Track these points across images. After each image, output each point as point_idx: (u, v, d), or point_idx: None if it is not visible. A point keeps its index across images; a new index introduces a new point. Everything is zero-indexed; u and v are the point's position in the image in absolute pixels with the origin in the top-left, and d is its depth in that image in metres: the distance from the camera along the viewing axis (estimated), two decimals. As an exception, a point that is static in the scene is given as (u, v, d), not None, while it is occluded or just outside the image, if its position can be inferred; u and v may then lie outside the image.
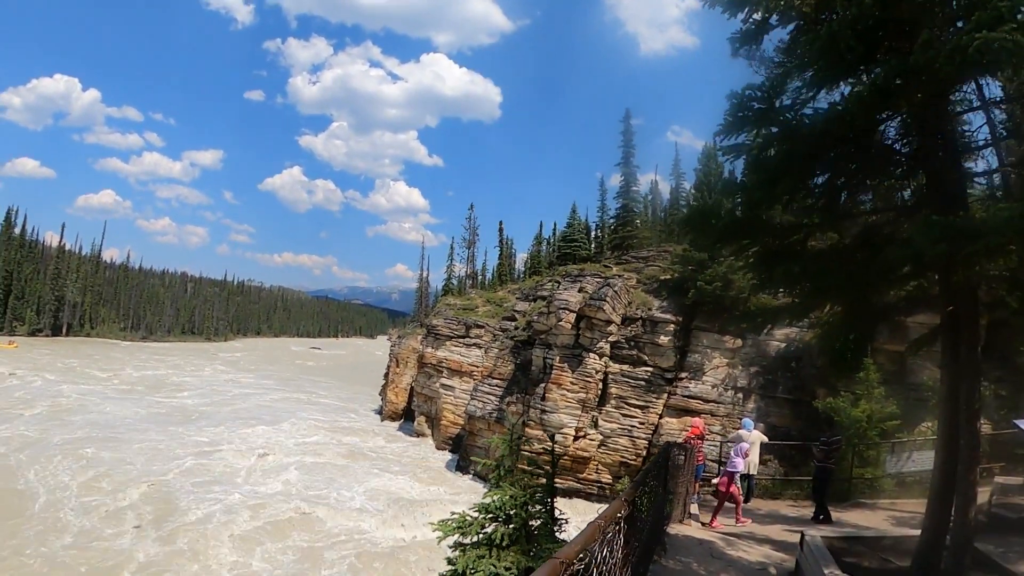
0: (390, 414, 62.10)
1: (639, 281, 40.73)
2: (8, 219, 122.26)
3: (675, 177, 60.79)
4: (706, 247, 29.05)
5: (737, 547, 12.44)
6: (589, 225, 66.22)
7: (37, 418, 46.74)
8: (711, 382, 34.51)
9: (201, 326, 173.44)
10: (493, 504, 10.90)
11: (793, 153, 7.44)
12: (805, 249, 8.36)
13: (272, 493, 34.09)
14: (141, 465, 36.64)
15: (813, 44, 7.00)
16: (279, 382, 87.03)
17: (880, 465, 19.69)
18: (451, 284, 71.76)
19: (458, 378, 49.68)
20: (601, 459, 35.99)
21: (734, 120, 7.53)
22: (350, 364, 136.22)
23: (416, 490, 37.64)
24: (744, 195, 8.19)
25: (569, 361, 37.24)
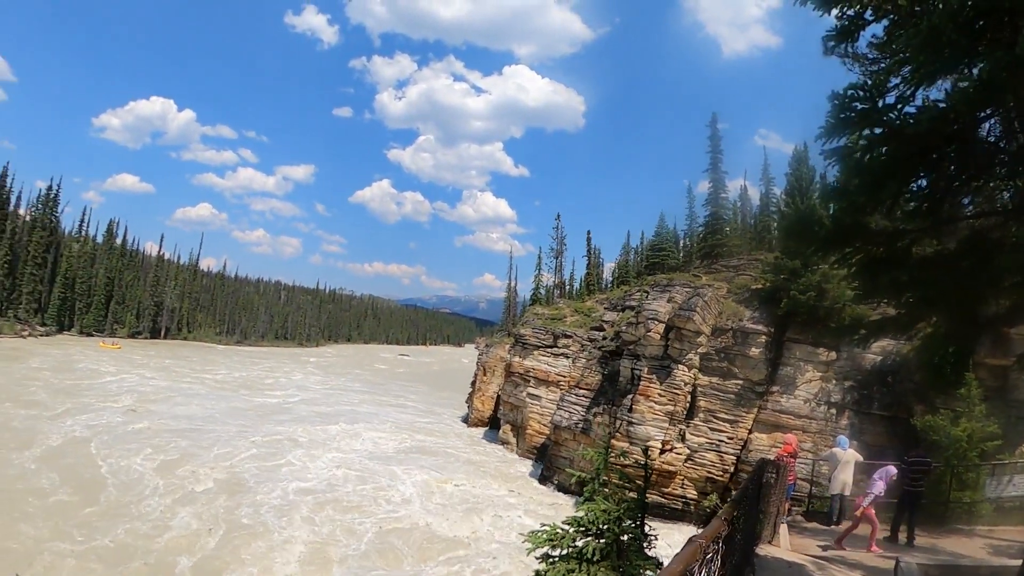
0: (475, 421, 62.44)
1: (729, 291, 39.91)
2: (110, 230, 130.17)
3: (764, 182, 59.13)
4: (807, 255, 28.31)
5: (828, 571, 11.96)
6: (677, 233, 65.75)
7: (122, 410, 49.13)
8: (803, 396, 33.44)
9: (293, 332, 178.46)
10: (586, 518, 10.77)
11: (897, 154, 7.03)
12: (910, 256, 7.91)
13: (346, 486, 35.09)
14: (217, 452, 38.85)
15: (913, 39, 6.59)
16: (367, 385, 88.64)
17: (979, 489, 18.55)
18: (539, 293, 72.08)
19: (545, 388, 49.54)
20: (687, 474, 35.25)
21: (836, 122, 7.15)
22: (437, 371, 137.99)
23: (493, 495, 37.70)
24: (846, 200, 7.78)
25: (657, 372, 36.67)
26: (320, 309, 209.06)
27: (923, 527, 16.78)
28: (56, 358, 74.11)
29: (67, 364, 70.15)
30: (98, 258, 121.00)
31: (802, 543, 14.65)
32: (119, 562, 23.44)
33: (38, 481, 30.18)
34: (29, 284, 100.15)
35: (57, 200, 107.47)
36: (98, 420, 43.77)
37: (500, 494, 38.19)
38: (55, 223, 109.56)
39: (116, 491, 30.19)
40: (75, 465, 33.25)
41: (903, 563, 9.53)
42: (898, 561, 9.69)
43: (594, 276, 74.22)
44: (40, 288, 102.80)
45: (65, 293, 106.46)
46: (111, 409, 48.34)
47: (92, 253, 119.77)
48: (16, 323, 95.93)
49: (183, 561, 24.03)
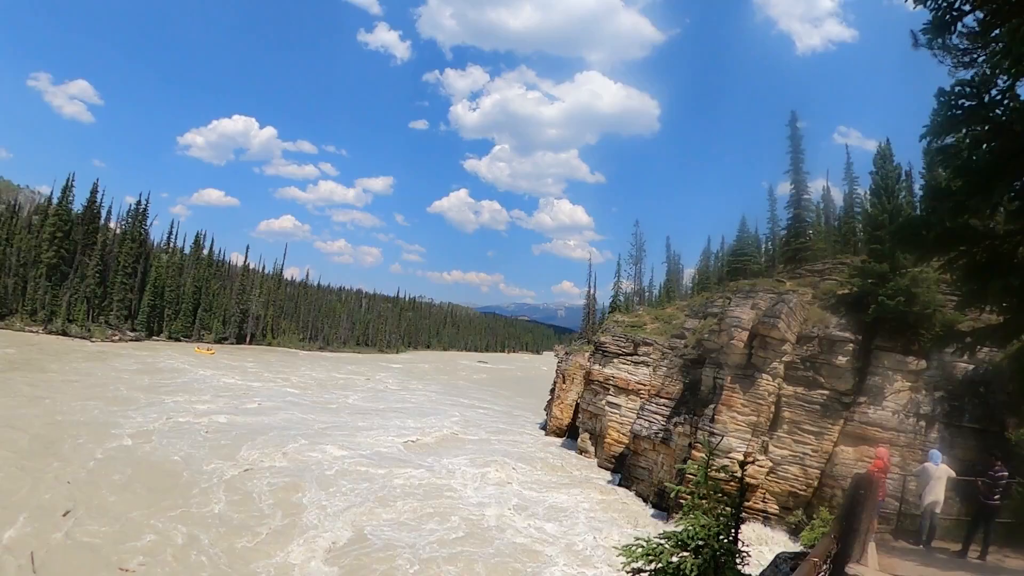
0: (554, 429, 62.18)
1: (815, 296, 38.72)
2: (197, 242, 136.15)
3: (848, 182, 56.88)
4: (913, 260, 27.24)
5: (920, 592, 11.33)
6: (759, 237, 64.42)
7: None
8: (891, 408, 32.06)
9: (374, 338, 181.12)
10: (684, 533, 10.46)
11: (1004, 152, 6.48)
12: (1015, 259, 7.35)
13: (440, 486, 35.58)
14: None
15: (1017, 30, 6.05)
16: (444, 393, 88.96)
17: None
18: (618, 301, 71.62)
19: (624, 396, 49.15)
20: (769, 487, 34.28)
21: (943, 120, 6.69)
22: (516, 378, 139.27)
23: (572, 504, 37.65)
24: (951, 201, 7.27)
25: (740, 382, 35.81)
26: (400, 316, 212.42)
27: (1015, 548, 15.96)
28: (156, 363, 77.59)
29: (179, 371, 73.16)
30: (186, 268, 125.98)
31: (890, 563, 13.96)
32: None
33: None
34: (120, 292, 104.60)
35: (146, 214, 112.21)
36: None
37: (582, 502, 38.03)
38: (144, 235, 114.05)
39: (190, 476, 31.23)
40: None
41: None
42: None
43: (674, 282, 73.68)
44: (130, 296, 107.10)
45: (154, 301, 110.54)
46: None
47: (180, 263, 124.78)
48: (107, 328, 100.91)
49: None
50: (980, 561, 14.73)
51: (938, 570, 13.75)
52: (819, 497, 32.38)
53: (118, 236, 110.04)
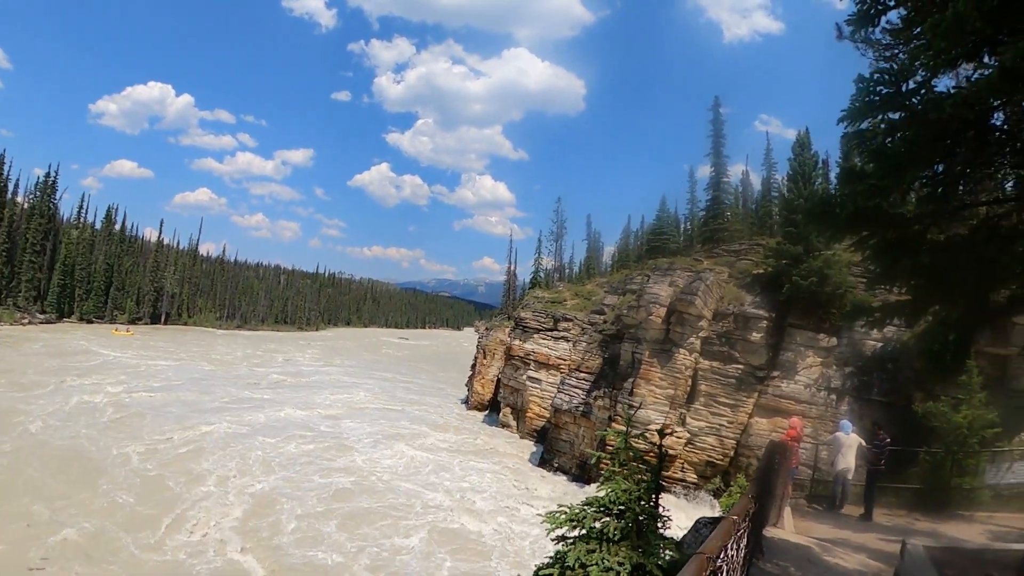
0: (476, 404, 62.57)
1: (731, 275, 39.89)
2: (109, 216, 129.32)
3: (766, 167, 58.72)
4: (825, 239, 28.33)
5: (834, 553, 12.07)
6: (678, 218, 65.78)
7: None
8: (804, 382, 33.45)
9: (293, 316, 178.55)
10: (607, 498, 10.82)
11: (918, 139, 7.08)
12: (924, 241, 7.97)
13: (367, 468, 35.29)
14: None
15: (938, 25, 6.62)
16: (369, 370, 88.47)
17: (979, 476, 18.68)
18: (539, 277, 72.09)
19: (545, 371, 49.71)
20: (687, 458, 35.43)
21: (861, 105, 7.22)
22: (437, 354, 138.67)
23: (496, 478, 38.10)
24: (864, 184, 7.83)
25: (658, 356, 36.78)
26: (320, 293, 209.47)
27: (924, 512, 17.28)
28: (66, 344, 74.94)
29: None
30: (97, 244, 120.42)
31: (806, 526, 14.82)
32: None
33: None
34: (28, 272, 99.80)
35: (55, 187, 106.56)
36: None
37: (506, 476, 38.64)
38: (53, 210, 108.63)
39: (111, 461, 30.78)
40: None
41: (909, 545, 9.63)
42: (904, 543, 9.78)
43: (594, 260, 74.47)
44: (39, 276, 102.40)
45: (64, 280, 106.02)
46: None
47: (91, 239, 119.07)
48: (16, 311, 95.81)
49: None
50: (866, 520, 16.10)
51: (851, 532, 14.61)
52: (735, 466, 33.55)
53: (25, 211, 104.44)
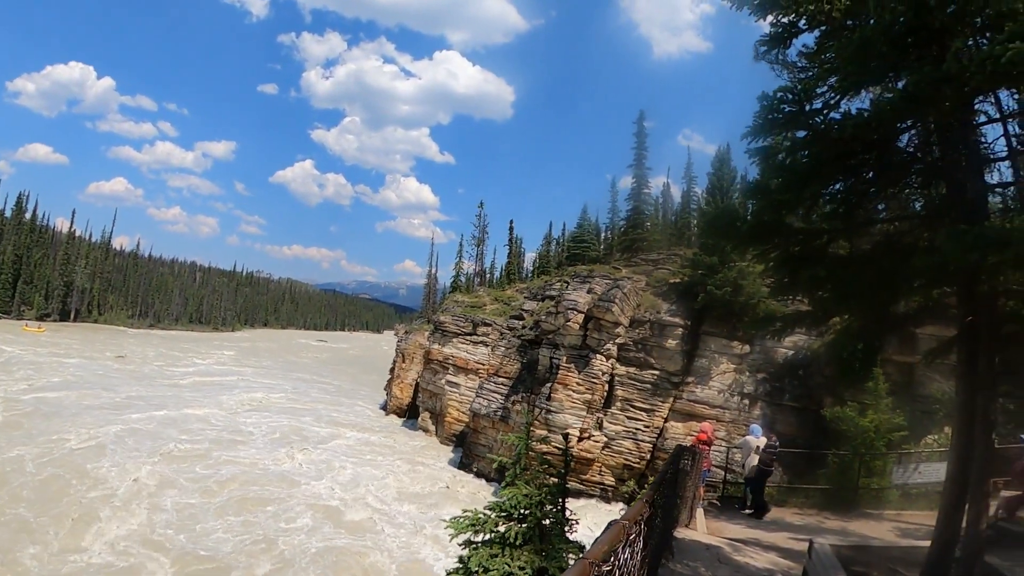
0: (394, 409, 62.02)
1: (648, 284, 40.63)
2: (19, 204, 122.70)
3: (687, 181, 60.20)
4: (727, 250, 29.15)
5: (744, 553, 12.42)
6: (599, 226, 66.34)
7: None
8: (717, 387, 34.49)
9: (209, 315, 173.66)
10: (508, 502, 10.89)
11: (820, 157, 7.43)
12: (825, 254, 8.34)
13: (278, 472, 34.59)
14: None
15: (845, 49, 6.99)
16: (284, 371, 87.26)
17: (886, 476, 19.53)
18: (459, 281, 71.84)
19: (464, 375, 49.69)
20: (605, 461, 35.97)
21: (764, 122, 7.53)
22: (356, 358, 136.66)
23: (414, 485, 37.78)
24: (767, 198, 8.18)
25: (576, 362, 37.23)
26: (236, 292, 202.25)
27: (834, 511, 17.94)
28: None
29: None
30: (5, 233, 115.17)
31: (718, 527, 15.19)
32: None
33: None
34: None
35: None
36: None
37: (424, 483, 38.53)
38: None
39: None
40: None
41: (816, 544, 9.96)
42: (812, 542, 10.12)
43: (515, 265, 74.47)
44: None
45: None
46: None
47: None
48: None
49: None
50: (759, 517, 16.67)
51: (762, 532, 15.06)
52: (652, 469, 34.16)
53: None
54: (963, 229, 5.83)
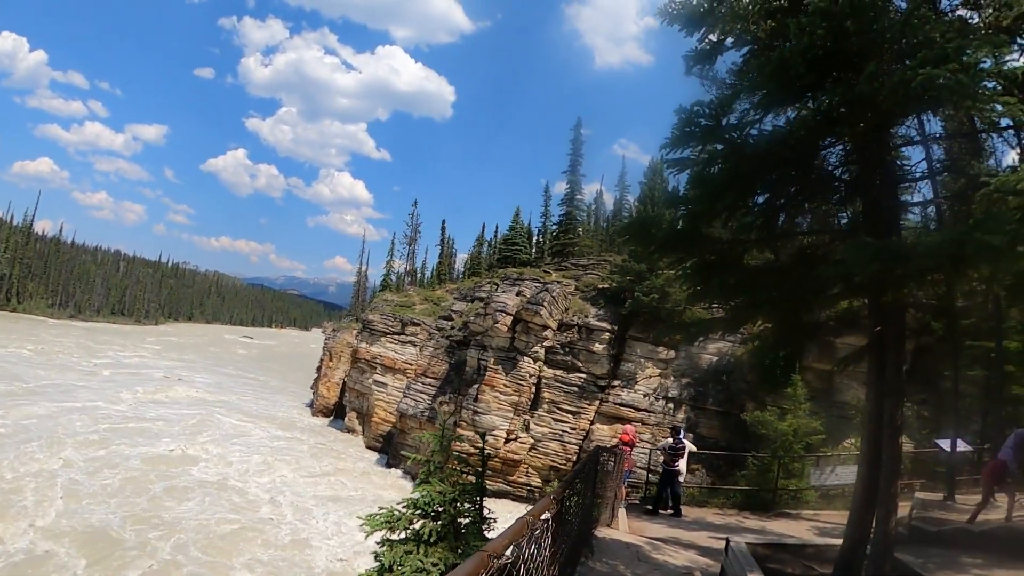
0: (321, 409, 61.41)
1: (577, 288, 41.13)
2: None
3: (620, 189, 61.18)
4: (645, 256, 29.72)
5: (663, 551, 12.66)
6: (531, 230, 66.50)
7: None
8: (643, 391, 35.12)
9: (132, 308, 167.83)
10: (421, 500, 10.92)
11: (736, 171, 7.69)
12: (741, 264, 8.62)
13: (201, 480, 33.81)
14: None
15: (764, 68, 7.25)
16: (208, 367, 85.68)
17: (804, 478, 20.14)
18: (389, 280, 71.41)
19: (391, 375, 49.48)
20: (531, 462, 36.29)
21: (681, 134, 7.77)
22: (283, 355, 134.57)
23: (340, 486, 37.52)
24: (685, 208, 8.43)
25: (503, 364, 37.44)
26: (161, 284, 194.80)
27: (753, 511, 18.56)
28: None
29: None
30: None
31: (640, 526, 15.43)
32: None
33: None
34: None
35: None
36: None
37: (350, 483, 38.31)
38: None
39: None
40: None
41: (733, 542, 10.25)
42: (728, 541, 10.40)
43: (446, 266, 74.32)
44: None
45: None
46: None
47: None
48: None
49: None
50: (676, 515, 17.05)
51: (683, 531, 15.37)
52: (577, 471, 34.58)
53: None
54: (866, 242, 6.12)
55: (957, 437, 17.21)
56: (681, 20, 8.25)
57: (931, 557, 10.42)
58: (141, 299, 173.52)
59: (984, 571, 9.75)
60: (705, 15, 8.13)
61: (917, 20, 6.53)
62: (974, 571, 9.82)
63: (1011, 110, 6.73)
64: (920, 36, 6.32)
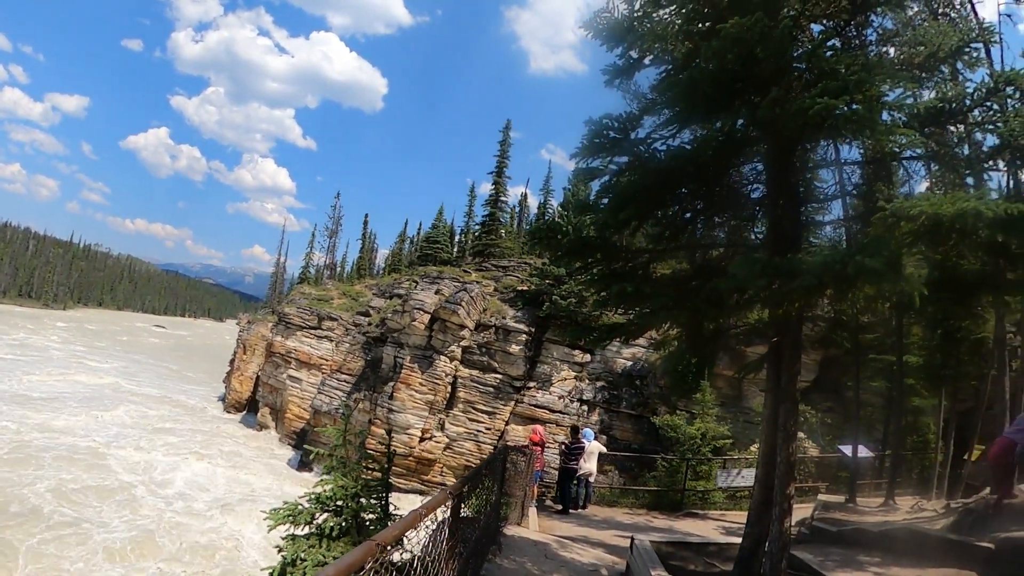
0: (233, 403, 60.20)
1: (496, 289, 41.37)
2: None
3: (544, 193, 62.15)
4: (553, 260, 30.26)
5: (571, 549, 12.89)
6: (454, 229, 66.58)
7: None
8: (558, 393, 35.47)
9: (39, 290, 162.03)
10: (324, 494, 10.91)
11: (642, 183, 7.94)
12: (647, 272, 8.88)
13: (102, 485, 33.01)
14: None
15: (674, 88, 7.49)
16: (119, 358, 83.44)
17: (712, 479, 20.85)
18: (308, 272, 70.57)
19: (306, 370, 48.93)
20: (446, 462, 36.36)
21: (590, 145, 8.04)
22: (197, 347, 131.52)
23: (251, 483, 37.08)
24: (592, 216, 8.67)
25: (420, 362, 37.42)
26: (72, 266, 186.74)
27: (662, 511, 19.23)
28: None
29: None
30: None
31: (550, 525, 15.68)
32: None
33: None
34: None
35: None
36: None
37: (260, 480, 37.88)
38: None
39: None
40: None
41: (637, 540, 10.51)
42: (633, 539, 10.66)
43: (367, 261, 73.87)
44: None
45: None
46: None
47: None
48: None
49: None
50: (564, 512, 17.64)
51: (592, 530, 15.71)
52: (493, 471, 34.84)
53: None
54: (754, 257, 6.50)
55: (859, 444, 18.18)
56: (603, 35, 8.42)
57: (831, 556, 10.86)
58: (50, 281, 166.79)
59: (882, 569, 10.16)
60: (627, 32, 8.32)
61: (824, 51, 6.82)
62: (872, 569, 10.22)
63: (912, 142, 7.12)
64: (826, 67, 6.59)
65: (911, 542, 11.13)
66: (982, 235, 6.48)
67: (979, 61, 8.38)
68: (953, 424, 19.67)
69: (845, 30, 8.43)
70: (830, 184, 9.04)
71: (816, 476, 23.34)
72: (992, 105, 7.33)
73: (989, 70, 10.99)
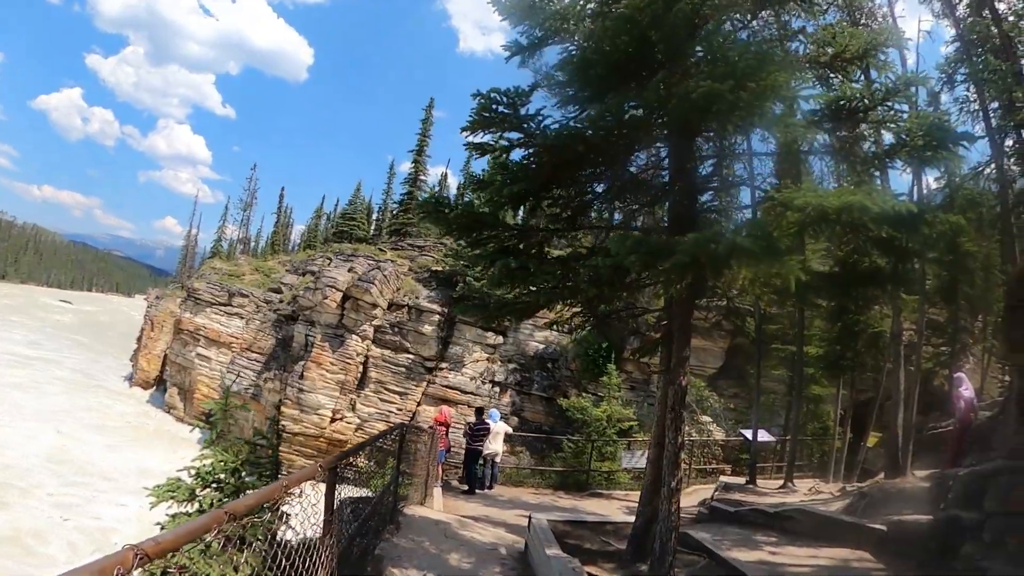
0: (140, 382, 58.79)
1: (411, 269, 41.10)
2: None
3: (465, 174, 61.57)
4: (439, 234, 30.16)
5: (473, 529, 12.88)
6: (372, 207, 65.99)
7: None
8: (470, 374, 35.52)
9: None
10: (202, 468, 10.67)
11: (537, 161, 7.85)
12: (541, 251, 8.87)
13: None
14: None
15: (566, 67, 7.43)
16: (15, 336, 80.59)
17: (617, 460, 21.31)
18: (221, 247, 69.14)
19: (216, 348, 48.03)
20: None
21: (479, 119, 7.97)
22: (105, 323, 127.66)
23: (158, 465, 36.03)
24: (483, 191, 8.60)
25: (331, 341, 36.98)
26: None
27: (568, 491, 19.53)
28: None
29: None
30: None
31: (455, 505, 15.67)
32: None
33: None
34: None
35: None
36: None
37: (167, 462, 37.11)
38: None
39: None
40: None
41: (534, 519, 10.58)
42: (531, 517, 10.72)
43: (281, 236, 72.86)
44: None
45: None
46: None
47: None
48: None
49: None
50: (488, 488, 18.11)
51: (496, 509, 15.75)
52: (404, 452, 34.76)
53: None
54: (626, 235, 6.54)
55: (760, 428, 18.76)
56: (508, 12, 8.35)
57: (728, 535, 11.08)
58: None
59: (777, 548, 10.45)
60: (530, 10, 8.29)
61: (718, 39, 6.80)
62: (767, 548, 10.50)
63: (808, 133, 7.24)
64: (718, 54, 6.57)
65: (806, 523, 11.45)
66: (872, 229, 6.60)
67: (888, 66, 8.59)
68: (851, 412, 20.42)
69: (750, 24, 8.52)
70: (739, 172, 9.17)
71: (721, 459, 23.93)
72: (893, 105, 7.51)
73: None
